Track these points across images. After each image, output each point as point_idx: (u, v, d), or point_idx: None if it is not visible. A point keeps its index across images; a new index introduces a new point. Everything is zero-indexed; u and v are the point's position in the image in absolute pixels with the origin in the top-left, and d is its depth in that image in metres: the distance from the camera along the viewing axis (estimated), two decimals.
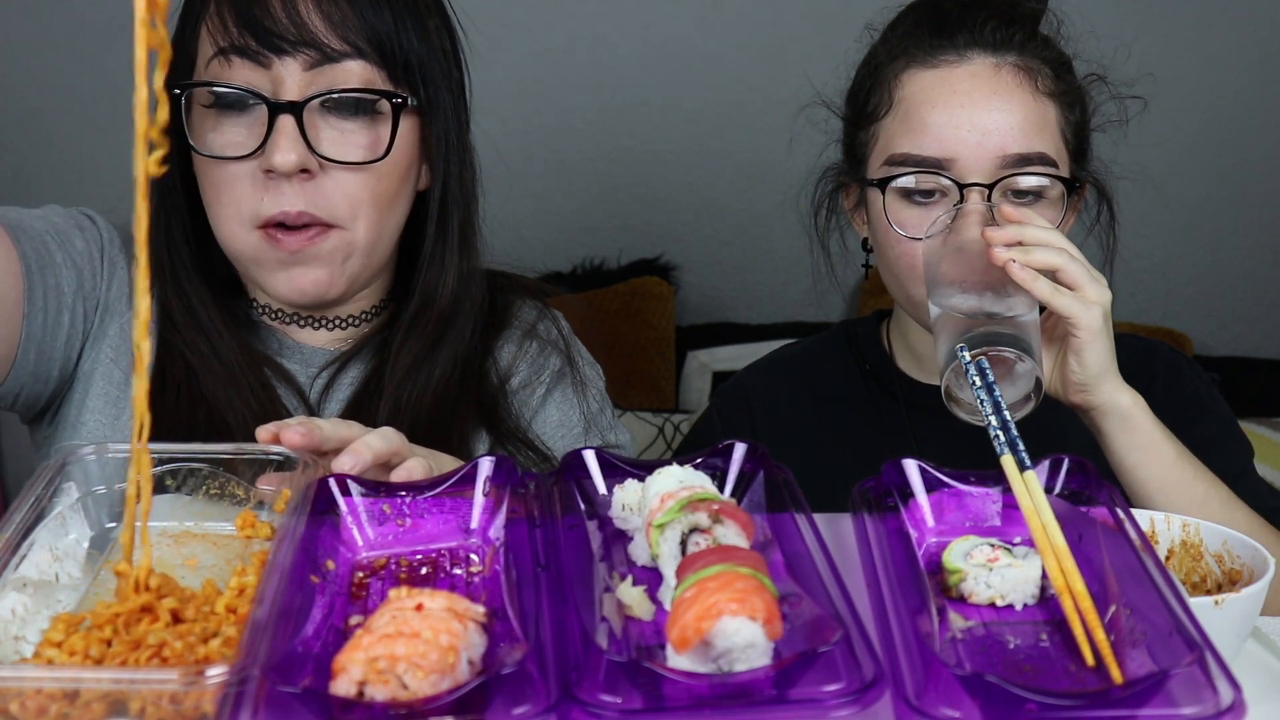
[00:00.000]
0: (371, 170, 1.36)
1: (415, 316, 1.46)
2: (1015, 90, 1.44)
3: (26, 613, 0.91)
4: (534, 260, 3.01)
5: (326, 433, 1.11)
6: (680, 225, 3.15)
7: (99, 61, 2.95)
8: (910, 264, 1.46)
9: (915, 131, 1.45)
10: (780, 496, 1.07)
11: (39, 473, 1.05)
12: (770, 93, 2.56)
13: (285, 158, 1.31)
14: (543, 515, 1.04)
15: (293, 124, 1.31)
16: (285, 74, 1.32)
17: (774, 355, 1.74)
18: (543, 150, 3.09)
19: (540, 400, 1.53)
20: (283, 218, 1.34)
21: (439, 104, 1.41)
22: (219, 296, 1.45)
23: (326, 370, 1.47)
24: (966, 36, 1.47)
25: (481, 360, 1.51)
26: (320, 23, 1.32)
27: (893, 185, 1.45)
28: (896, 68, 1.49)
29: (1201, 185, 3.07)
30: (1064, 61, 1.51)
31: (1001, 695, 0.81)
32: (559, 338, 1.58)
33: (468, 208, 1.47)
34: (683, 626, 0.85)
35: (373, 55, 1.34)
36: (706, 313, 3.18)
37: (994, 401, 1.11)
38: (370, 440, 1.11)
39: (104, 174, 2.46)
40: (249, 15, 1.32)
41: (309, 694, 0.81)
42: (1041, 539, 0.98)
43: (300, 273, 1.37)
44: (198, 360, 1.41)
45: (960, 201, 1.42)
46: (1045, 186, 1.44)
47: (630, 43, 3.06)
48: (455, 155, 1.45)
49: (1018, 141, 1.43)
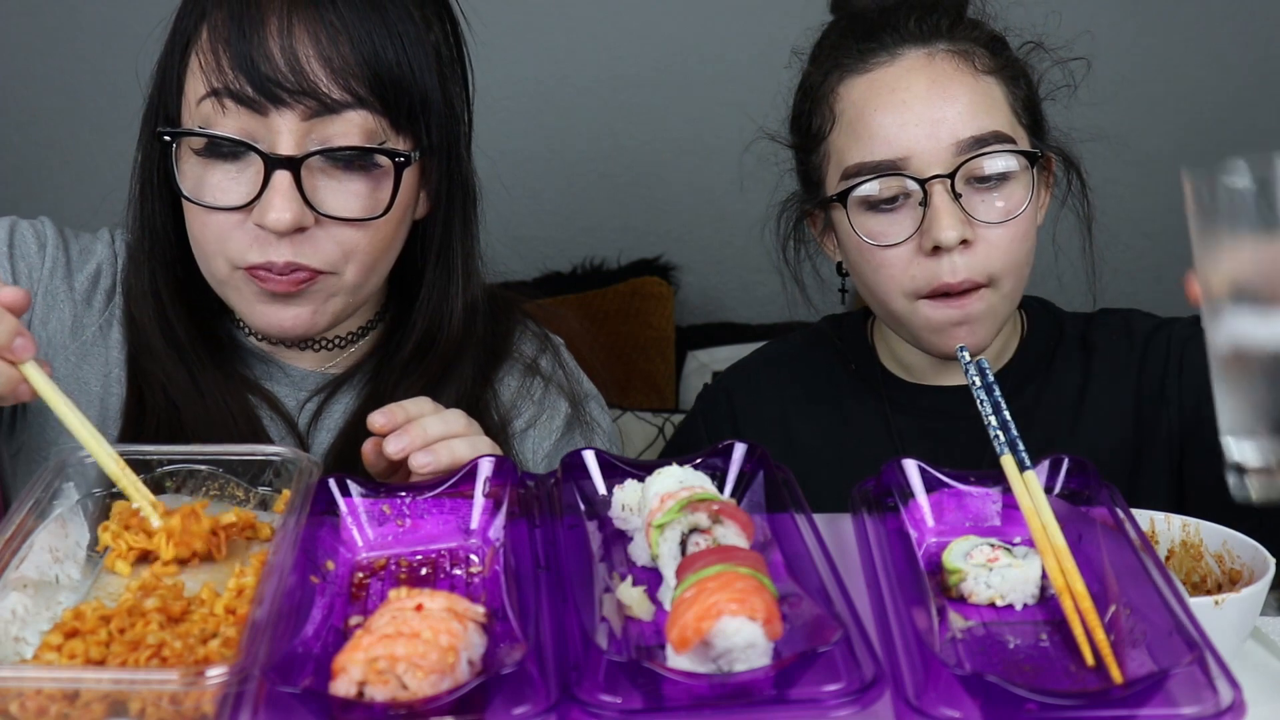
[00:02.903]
0: (370, 224, 1.29)
1: (416, 351, 1.41)
2: (954, 75, 1.42)
3: (26, 613, 0.91)
4: (534, 260, 3.02)
5: (410, 412, 1.19)
6: (680, 225, 3.14)
7: (99, 61, 2.95)
8: (888, 273, 1.43)
9: (864, 139, 1.42)
10: (780, 496, 1.07)
11: (39, 473, 1.05)
12: (771, 93, 2.56)
13: (280, 217, 1.23)
14: (543, 515, 1.04)
15: (289, 180, 1.24)
16: (282, 125, 1.24)
17: (756, 356, 1.72)
18: (543, 150, 3.08)
19: (551, 449, 1.47)
20: (268, 267, 1.27)
21: (444, 142, 1.34)
22: (203, 321, 1.39)
23: (316, 397, 1.42)
24: (893, 35, 1.44)
25: (483, 394, 1.45)
26: (321, 70, 1.24)
27: (854, 196, 1.43)
28: (831, 82, 1.47)
29: None
30: (997, 39, 1.48)
31: (1001, 695, 0.81)
32: (564, 377, 1.51)
33: (469, 236, 1.42)
34: (683, 626, 0.85)
35: (375, 104, 1.26)
36: (706, 313, 3.18)
37: (994, 402, 1.10)
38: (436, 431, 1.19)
39: (103, 174, 2.45)
40: (245, 58, 1.23)
41: (309, 694, 0.81)
42: (1041, 539, 0.98)
43: (279, 309, 1.31)
44: (178, 394, 1.36)
45: (924, 199, 1.39)
46: (1011, 170, 1.41)
47: (630, 43, 3.05)
48: (458, 186, 1.39)
49: (968, 124, 1.40)
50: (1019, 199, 1.41)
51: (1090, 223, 1.56)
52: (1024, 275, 1.46)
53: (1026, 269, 1.46)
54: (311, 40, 1.24)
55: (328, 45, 1.24)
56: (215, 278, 1.33)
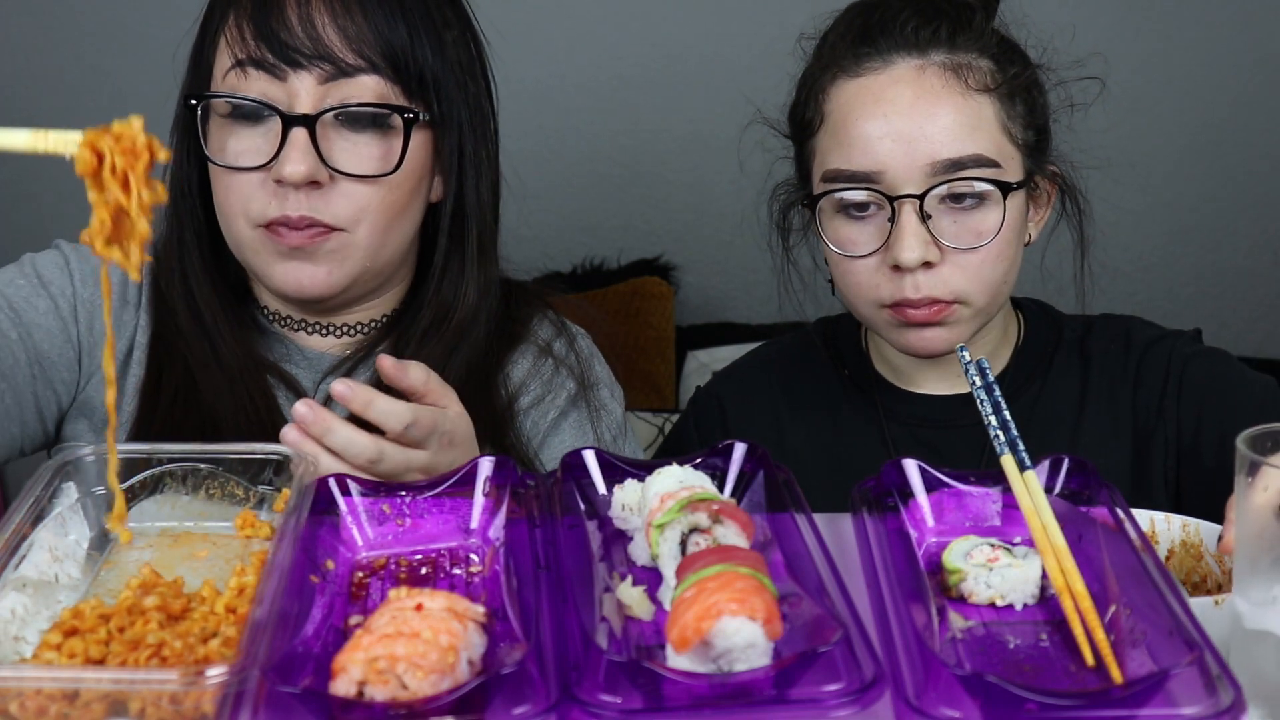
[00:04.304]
0: (381, 182, 1.37)
1: (429, 328, 1.45)
2: (942, 92, 1.39)
3: (26, 613, 0.91)
4: (534, 260, 3.02)
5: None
6: (680, 225, 3.14)
7: (99, 61, 2.95)
8: (855, 280, 1.43)
9: (845, 145, 1.41)
10: (780, 496, 1.07)
11: (39, 473, 1.05)
12: (772, 93, 2.56)
13: (295, 169, 1.32)
14: (543, 515, 1.04)
15: (305, 136, 1.33)
16: (300, 87, 1.34)
17: (746, 360, 1.70)
18: (543, 150, 3.08)
19: (551, 424, 1.51)
20: (285, 220, 1.35)
21: (453, 118, 1.42)
22: (226, 300, 1.45)
23: (332, 375, 1.46)
24: (888, 40, 1.42)
25: (494, 372, 1.50)
26: (336, 37, 1.34)
27: (827, 200, 1.42)
28: (825, 80, 1.45)
29: (1201, 185, 3.06)
30: (1006, 50, 1.44)
31: (1001, 695, 0.81)
32: (575, 361, 1.54)
33: (485, 219, 1.47)
34: (683, 626, 0.85)
35: (386, 70, 1.36)
36: (706, 313, 3.18)
37: (994, 401, 1.10)
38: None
39: None
40: (266, 28, 1.34)
41: (309, 694, 0.81)
42: (1041, 539, 0.98)
43: (297, 267, 1.37)
44: (197, 364, 1.41)
45: (892, 215, 1.38)
46: (986, 194, 1.38)
47: (630, 43, 3.05)
48: (471, 168, 1.45)
49: (948, 146, 1.37)
50: (992, 224, 1.39)
51: (1084, 250, 1.53)
52: (1001, 290, 1.44)
53: (1005, 285, 1.44)
54: (327, 11, 1.35)
55: (342, 15, 1.35)
56: (238, 241, 1.40)
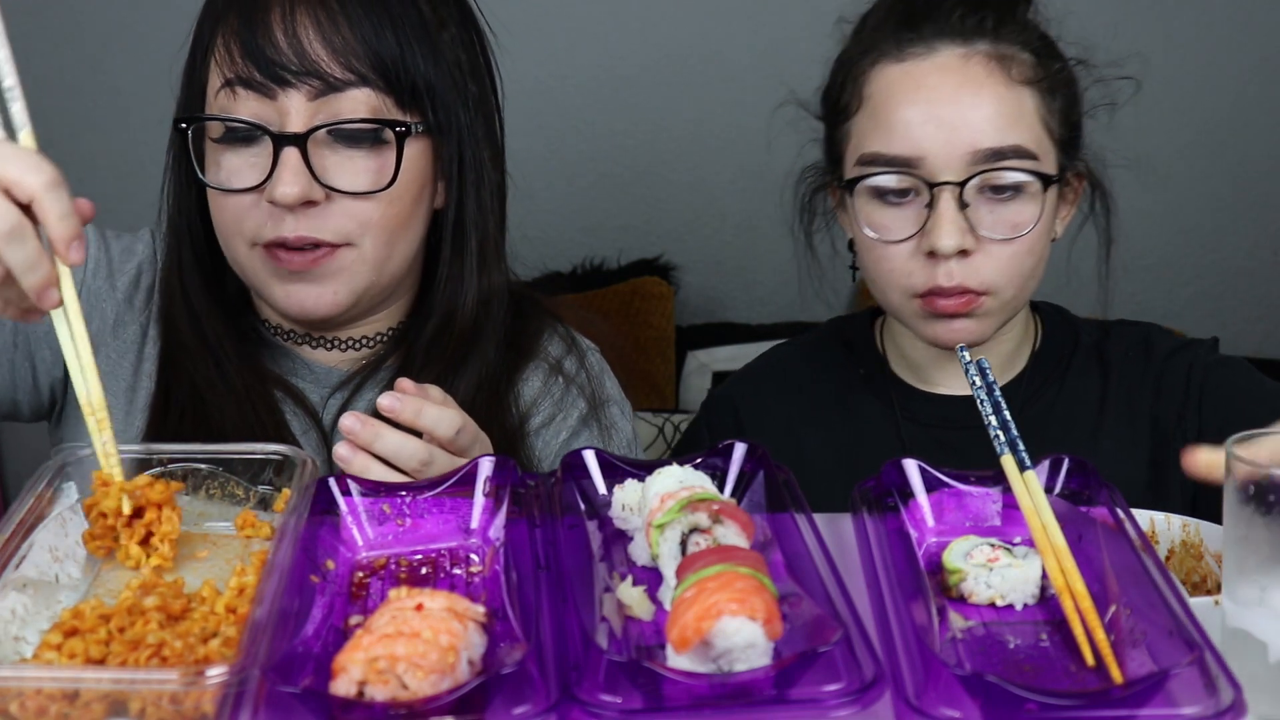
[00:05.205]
0: (380, 196, 1.34)
1: (434, 337, 1.43)
2: (985, 81, 1.40)
3: (26, 613, 0.91)
4: (534, 260, 3.02)
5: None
6: (680, 225, 3.14)
7: (99, 61, 2.95)
8: (888, 267, 1.43)
9: (884, 130, 1.41)
10: (780, 496, 1.07)
11: (39, 473, 1.05)
12: (772, 92, 2.56)
13: (287, 190, 1.30)
14: (543, 515, 1.04)
15: (297, 156, 1.31)
16: (290, 105, 1.32)
17: (761, 361, 1.69)
18: (543, 150, 3.08)
19: (563, 445, 1.49)
20: (282, 242, 1.33)
21: (451, 124, 1.39)
22: (229, 316, 1.44)
23: (341, 391, 1.44)
24: (933, 27, 1.42)
25: (504, 391, 1.47)
26: (323, 51, 1.31)
27: (863, 185, 1.42)
28: (865, 63, 1.45)
29: (1203, 184, 3.06)
30: (1047, 45, 1.45)
31: (1001, 695, 0.81)
32: (586, 379, 1.52)
33: (486, 225, 1.44)
34: (683, 626, 0.85)
35: (377, 82, 1.33)
36: (706, 313, 3.18)
37: (994, 401, 1.10)
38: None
39: (103, 174, 2.46)
40: (253, 46, 1.31)
41: (309, 694, 0.81)
42: (1041, 539, 0.98)
43: (301, 289, 1.35)
44: (204, 382, 1.39)
45: (930, 202, 1.38)
46: (1025, 186, 1.39)
47: (630, 43, 3.05)
48: (472, 173, 1.42)
49: (989, 136, 1.38)
50: (1029, 216, 1.39)
51: (1109, 249, 1.53)
52: (1029, 285, 1.44)
53: (1033, 280, 1.44)
54: (313, 25, 1.32)
55: (328, 28, 1.32)
56: (237, 260, 1.39)
